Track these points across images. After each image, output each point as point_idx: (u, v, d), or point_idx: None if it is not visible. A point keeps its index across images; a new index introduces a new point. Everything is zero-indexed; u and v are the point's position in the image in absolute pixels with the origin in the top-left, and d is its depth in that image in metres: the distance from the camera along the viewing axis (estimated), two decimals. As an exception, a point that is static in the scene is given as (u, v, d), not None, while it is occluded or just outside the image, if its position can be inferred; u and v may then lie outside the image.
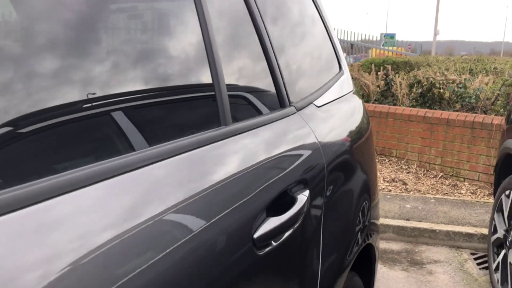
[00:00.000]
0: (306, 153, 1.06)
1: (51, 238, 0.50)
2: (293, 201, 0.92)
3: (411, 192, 4.38)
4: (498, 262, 2.77)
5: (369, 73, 6.80)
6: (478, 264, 3.20)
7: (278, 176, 0.92)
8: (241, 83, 1.03)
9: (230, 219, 0.74)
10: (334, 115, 1.37)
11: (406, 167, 4.99)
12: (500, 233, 2.78)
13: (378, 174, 3.86)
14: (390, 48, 16.79)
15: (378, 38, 21.00)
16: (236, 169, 0.81)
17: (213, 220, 0.70)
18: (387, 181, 4.61)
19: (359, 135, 1.53)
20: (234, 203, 0.76)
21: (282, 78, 1.10)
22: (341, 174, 1.28)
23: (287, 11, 1.41)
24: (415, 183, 4.58)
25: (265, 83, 1.07)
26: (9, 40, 0.58)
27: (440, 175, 4.75)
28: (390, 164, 5.08)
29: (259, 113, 1.01)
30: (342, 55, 1.81)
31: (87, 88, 0.64)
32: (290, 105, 1.12)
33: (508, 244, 2.67)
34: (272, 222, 0.83)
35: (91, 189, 0.56)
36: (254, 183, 0.84)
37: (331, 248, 1.17)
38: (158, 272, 0.59)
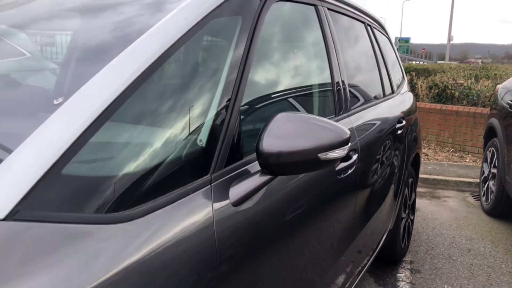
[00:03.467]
0: (402, 109, 3.05)
1: None
2: (401, 121, 2.90)
3: (431, 160, 6.34)
4: (484, 190, 4.72)
5: (397, 78, 8.77)
6: (474, 198, 5.14)
7: (400, 114, 2.91)
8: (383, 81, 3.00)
9: (394, 118, 2.73)
10: (406, 98, 3.37)
11: (427, 145, 6.96)
12: (486, 173, 4.74)
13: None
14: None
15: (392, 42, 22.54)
16: (392, 107, 2.80)
17: (386, 119, 2.68)
18: (414, 154, 6.59)
19: (414, 109, 3.52)
20: (393, 117, 2.75)
21: (392, 79, 3.10)
22: (410, 120, 3.26)
23: (380, 39, 3.34)
24: (433, 155, 6.55)
25: (387, 81, 3.04)
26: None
27: (451, 150, 6.71)
28: (415, 143, 7.06)
29: (392, 92, 3.00)
30: (402, 66, 3.80)
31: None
32: (394, 92, 3.11)
33: (489, 178, 4.62)
34: (399, 125, 2.81)
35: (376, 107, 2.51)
36: (394, 115, 2.83)
37: (408, 149, 3.14)
38: None
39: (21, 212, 0.77)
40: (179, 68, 1.23)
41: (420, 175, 5.60)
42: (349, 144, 1.30)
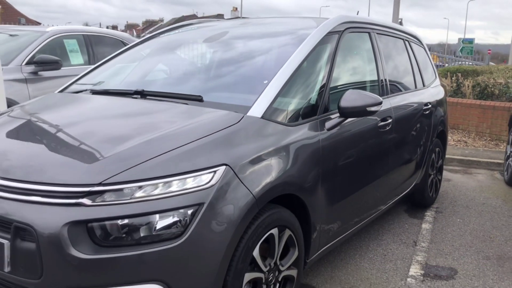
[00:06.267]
0: (429, 97, 4.43)
1: None
2: (428, 105, 4.28)
3: (469, 146, 7.55)
4: (506, 167, 5.94)
5: (446, 78, 9.92)
6: (500, 174, 6.34)
7: (427, 100, 4.30)
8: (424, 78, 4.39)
9: (421, 102, 4.13)
10: (435, 91, 4.73)
11: (467, 135, 8.15)
12: (508, 153, 5.96)
13: (449, 137, 7.17)
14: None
15: (456, 43, 21.92)
16: (421, 95, 4.20)
17: (415, 102, 4.08)
18: (456, 141, 7.82)
19: (443, 99, 4.88)
20: (421, 102, 4.15)
21: (424, 77, 4.49)
22: (437, 106, 4.62)
23: (415, 49, 4.71)
24: (472, 142, 7.75)
25: (419, 79, 4.43)
26: None
27: (488, 139, 7.86)
28: (458, 133, 8.26)
29: (422, 86, 4.39)
30: (434, 67, 5.14)
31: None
32: (425, 86, 4.49)
33: (510, 156, 5.84)
34: (426, 107, 4.20)
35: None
36: (422, 100, 4.22)
37: (433, 125, 4.49)
38: None
39: (264, 116, 2.33)
40: (306, 68, 2.75)
41: (457, 157, 6.88)
42: (382, 103, 2.78)
